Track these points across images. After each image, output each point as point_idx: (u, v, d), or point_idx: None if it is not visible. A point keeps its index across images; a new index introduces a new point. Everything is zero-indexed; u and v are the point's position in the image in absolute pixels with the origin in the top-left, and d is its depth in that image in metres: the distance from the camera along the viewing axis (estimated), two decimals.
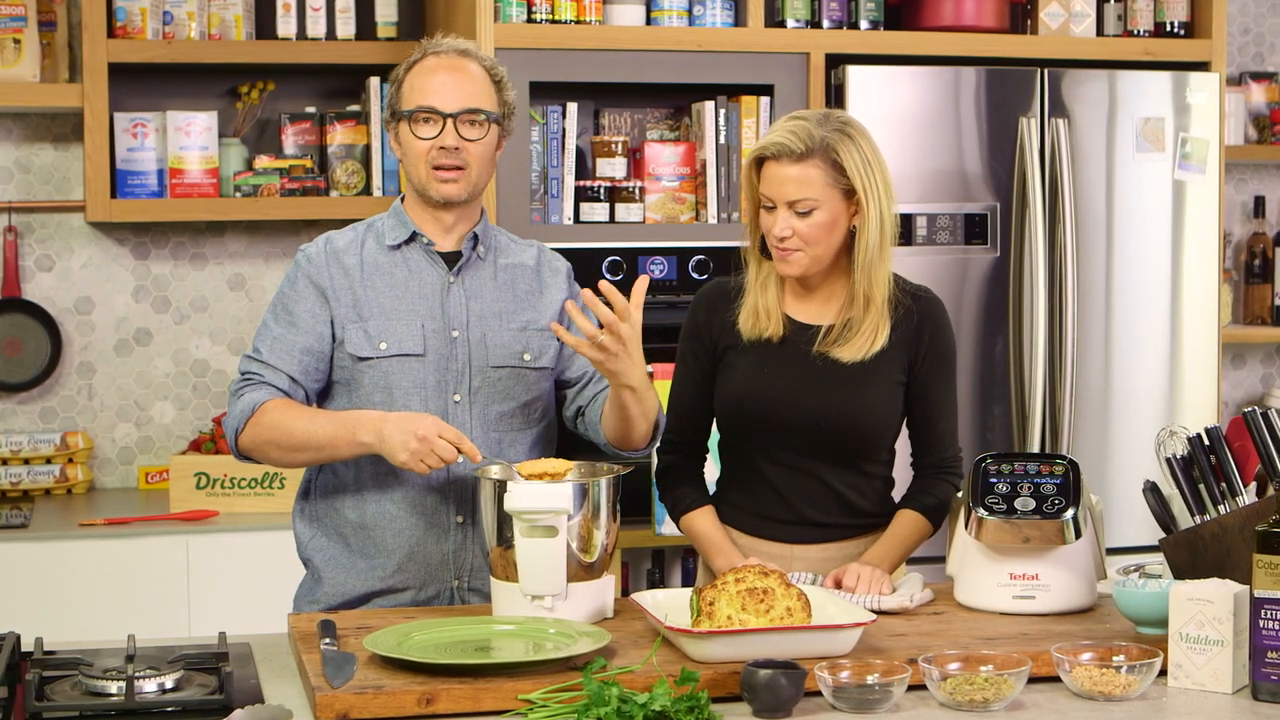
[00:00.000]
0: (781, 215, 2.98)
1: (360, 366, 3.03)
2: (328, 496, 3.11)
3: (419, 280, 3.08)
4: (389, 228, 3.12)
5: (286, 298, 3.08)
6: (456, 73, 3.04)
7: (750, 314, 3.09)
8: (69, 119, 4.69)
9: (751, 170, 3.04)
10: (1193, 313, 4.64)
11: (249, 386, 3.02)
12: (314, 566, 3.12)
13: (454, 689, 2.38)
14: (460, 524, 3.07)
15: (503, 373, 3.08)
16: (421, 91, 3.03)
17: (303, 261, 3.09)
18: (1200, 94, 4.60)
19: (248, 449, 3.01)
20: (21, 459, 4.64)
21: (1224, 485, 2.77)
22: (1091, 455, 4.54)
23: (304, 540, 3.15)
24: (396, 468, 2.98)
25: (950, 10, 4.56)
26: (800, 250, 2.99)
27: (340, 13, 4.68)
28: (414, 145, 3.04)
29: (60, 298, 4.75)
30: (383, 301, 3.06)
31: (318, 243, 3.12)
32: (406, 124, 3.04)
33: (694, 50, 4.39)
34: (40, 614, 4.07)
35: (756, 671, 2.37)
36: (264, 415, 2.97)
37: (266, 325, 3.08)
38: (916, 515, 3.09)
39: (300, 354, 3.03)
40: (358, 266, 3.08)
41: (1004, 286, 4.50)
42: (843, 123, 3.00)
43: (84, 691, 2.46)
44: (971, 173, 4.47)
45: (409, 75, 3.07)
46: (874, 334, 3.04)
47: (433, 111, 3.02)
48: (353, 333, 3.04)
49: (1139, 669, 2.44)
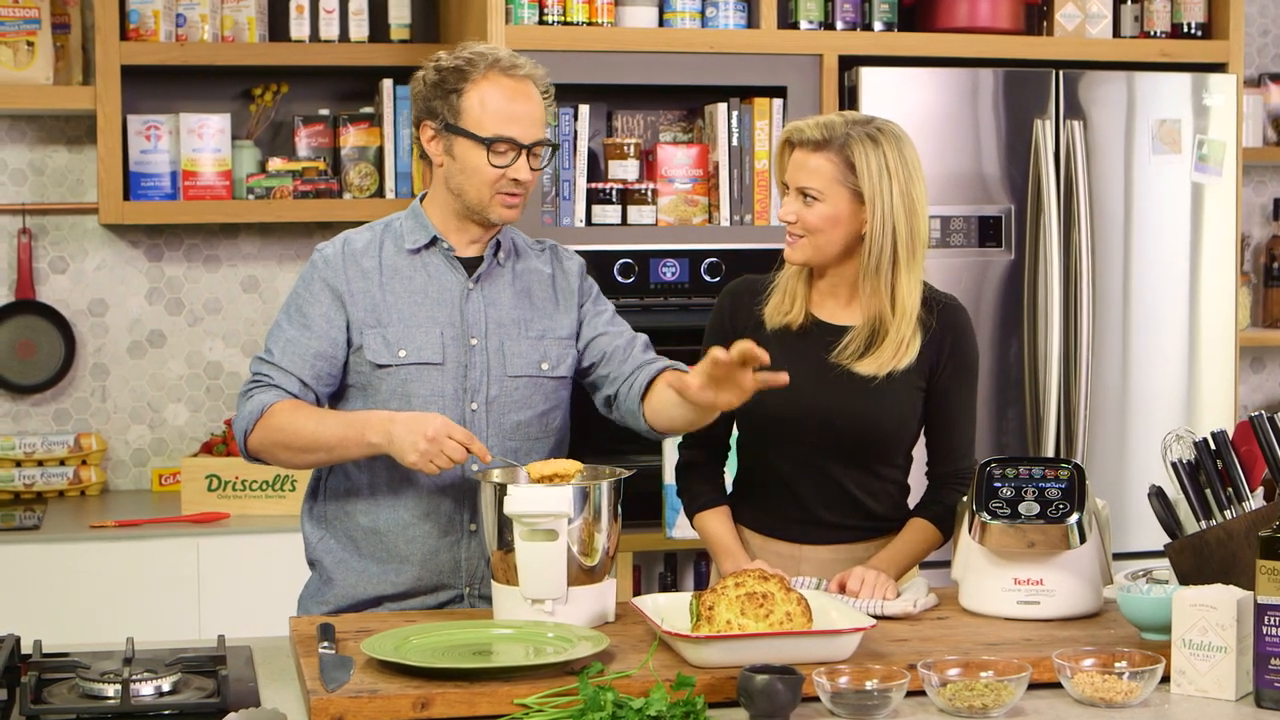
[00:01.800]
0: (792, 199, 3.01)
1: (379, 373, 3.01)
2: (339, 499, 3.09)
3: (438, 286, 3.05)
4: (407, 230, 3.09)
5: (301, 299, 3.04)
6: (530, 101, 2.98)
7: (779, 297, 3.08)
8: (83, 121, 4.70)
9: (782, 154, 3.07)
10: (1210, 316, 4.61)
11: (258, 388, 3.00)
12: (323, 568, 3.11)
13: (449, 693, 2.37)
14: (473, 531, 3.05)
15: (521, 382, 3.06)
16: (499, 118, 2.95)
17: (319, 263, 3.05)
18: (1218, 96, 4.57)
19: (257, 450, 2.99)
20: (35, 461, 4.64)
21: (1230, 490, 2.74)
22: (1108, 459, 4.51)
23: (313, 541, 3.13)
24: (410, 473, 2.98)
25: (964, 11, 4.54)
26: (803, 237, 2.99)
27: (354, 15, 4.67)
28: (484, 170, 2.97)
29: (74, 300, 4.76)
30: (402, 307, 3.03)
31: (335, 243, 3.08)
32: (477, 145, 2.96)
33: (706, 52, 4.38)
34: (50, 616, 4.08)
35: (753, 677, 2.35)
36: (273, 417, 2.95)
37: (280, 326, 3.05)
38: (927, 523, 3.07)
39: (313, 358, 3.00)
40: (376, 270, 3.04)
41: (1019, 289, 4.47)
42: (876, 129, 2.99)
43: (80, 694, 2.45)
44: (986, 175, 4.44)
45: (474, 90, 2.96)
46: (898, 350, 3.01)
47: (512, 143, 2.96)
48: (371, 339, 3.01)
49: (1141, 675, 2.42)
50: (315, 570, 3.14)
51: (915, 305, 3.01)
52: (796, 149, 3.01)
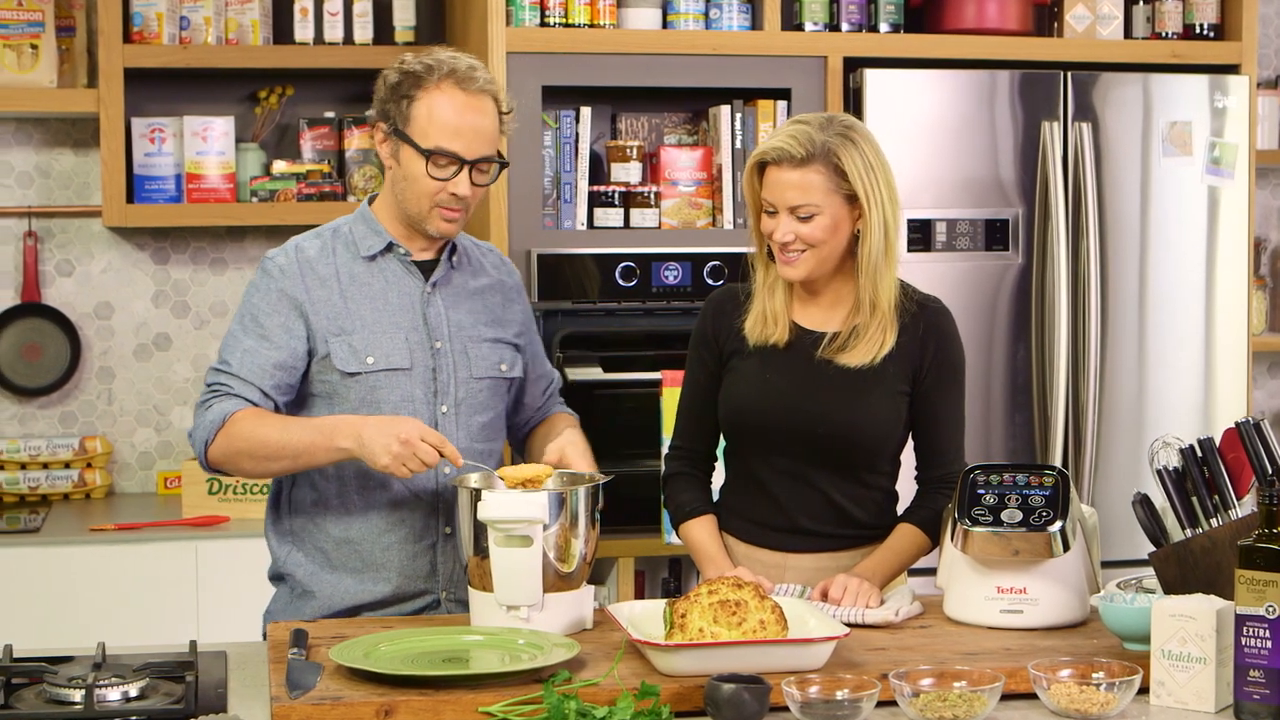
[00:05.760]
0: (784, 220, 2.94)
1: (347, 381, 2.98)
2: (307, 512, 3.05)
3: (397, 291, 3.03)
4: (361, 236, 3.05)
5: (257, 309, 2.99)
6: (480, 115, 2.93)
7: (757, 319, 3.05)
8: (88, 124, 4.70)
9: (753, 175, 3.00)
10: (1224, 320, 4.55)
11: (217, 398, 2.95)
12: (295, 582, 3.06)
13: (413, 700, 2.35)
14: (448, 535, 3.03)
15: (485, 384, 3.06)
16: (444, 131, 2.91)
17: (274, 272, 3.00)
18: (1231, 97, 4.51)
19: (218, 460, 2.94)
20: (40, 463, 4.65)
21: (1216, 498, 2.69)
22: (1123, 464, 4.46)
23: (280, 556, 3.08)
24: (381, 479, 2.97)
25: (972, 13, 4.49)
26: (804, 252, 2.95)
27: (358, 17, 4.66)
28: (422, 181, 2.94)
29: (80, 302, 4.76)
30: (364, 314, 3.00)
31: (287, 251, 3.03)
32: (418, 155, 2.93)
33: (710, 54, 4.34)
34: (50, 619, 4.08)
35: (720, 686, 2.32)
36: (235, 425, 2.90)
37: (235, 337, 2.99)
38: (914, 529, 3.03)
39: (273, 368, 2.95)
40: (334, 277, 3.01)
41: (1027, 293, 4.42)
42: (846, 127, 2.95)
43: (47, 699, 2.44)
44: (994, 178, 4.39)
45: (425, 99, 2.92)
46: (881, 339, 2.99)
47: (454, 157, 2.92)
48: (338, 347, 2.97)
49: (1118, 687, 2.38)
50: (285, 585, 3.09)
51: (895, 293, 2.99)
52: (772, 169, 2.94)
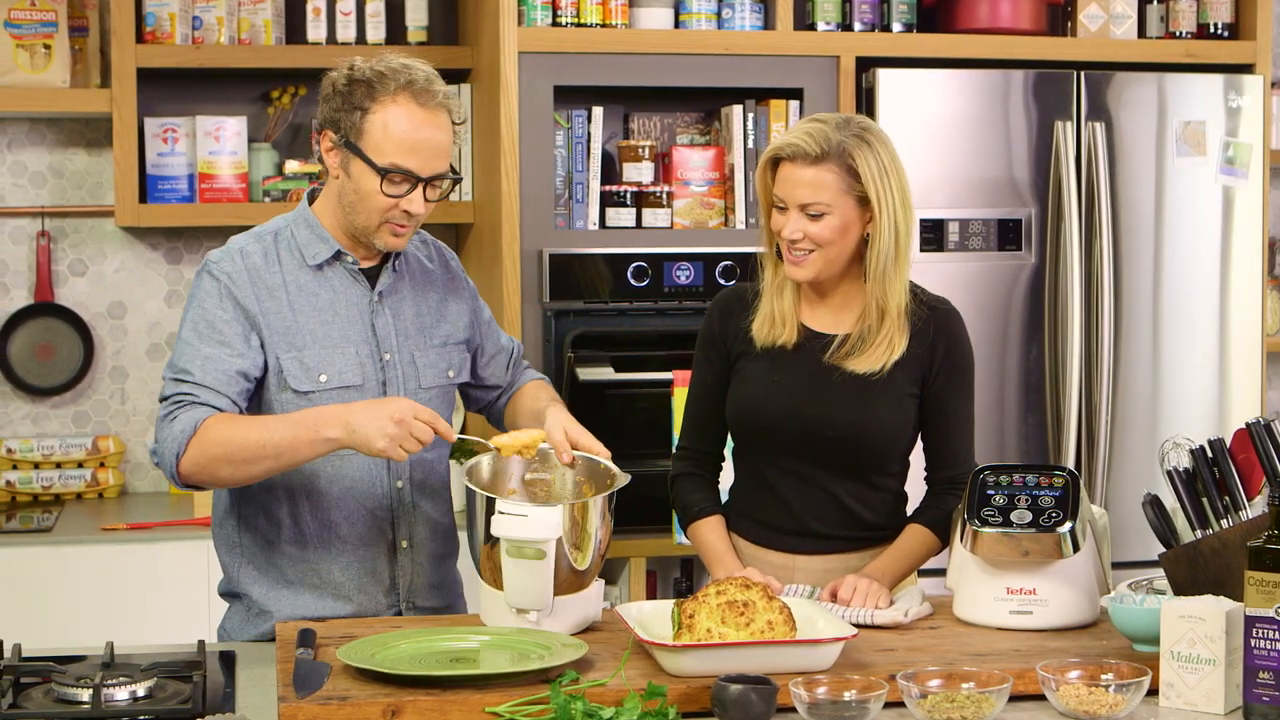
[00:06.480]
0: (793, 217, 2.93)
1: (299, 400, 2.87)
2: (258, 530, 2.95)
3: (345, 302, 2.93)
4: (305, 242, 2.93)
5: (211, 315, 2.84)
6: (437, 130, 2.82)
7: (765, 320, 3.04)
8: (102, 124, 4.70)
9: (766, 170, 2.99)
10: (1239, 320, 4.54)
11: (182, 408, 2.78)
12: (251, 600, 2.96)
13: (420, 700, 2.34)
14: (405, 548, 2.97)
15: (433, 392, 2.99)
16: (401, 148, 2.80)
17: (222, 278, 2.86)
18: (1246, 97, 4.50)
19: (190, 472, 2.77)
20: (53, 463, 4.65)
21: (1227, 499, 2.68)
22: (1139, 464, 4.45)
23: (232, 573, 2.99)
24: (336, 494, 2.90)
25: (985, 12, 4.48)
26: (812, 252, 2.94)
27: (370, 17, 4.66)
28: (375, 198, 2.82)
29: (93, 302, 4.76)
30: (314, 328, 2.89)
31: (233, 258, 2.89)
32: (372, 172, 2.81)
33: (722, 54, 4.34)
34: (62, 618, 4.08)
35: (727, 686, 2.32)
36: (207, 432, 2.74)
37: (190, 344, 2.83)
38: (924, 530, 3.03)
39: (236, 375, 2.82)
40: (281, 287, 2.89)
41: (1040, 293, 4.41)
42: (862, 128, 2.94)
43: (55, 699, 2.45)
44: (1007, 178, 4.39)
45: (380, 112, 2.80)
46: (890, 346, 2.98)
47: (409, 175, 2.81)
48: (290, 364, 2.87)
49: (1128, 688, 2.37)
50: (240, 602, 2.99)
51: (905, 299, 2.98)
52: (785, 164, 2.93)
